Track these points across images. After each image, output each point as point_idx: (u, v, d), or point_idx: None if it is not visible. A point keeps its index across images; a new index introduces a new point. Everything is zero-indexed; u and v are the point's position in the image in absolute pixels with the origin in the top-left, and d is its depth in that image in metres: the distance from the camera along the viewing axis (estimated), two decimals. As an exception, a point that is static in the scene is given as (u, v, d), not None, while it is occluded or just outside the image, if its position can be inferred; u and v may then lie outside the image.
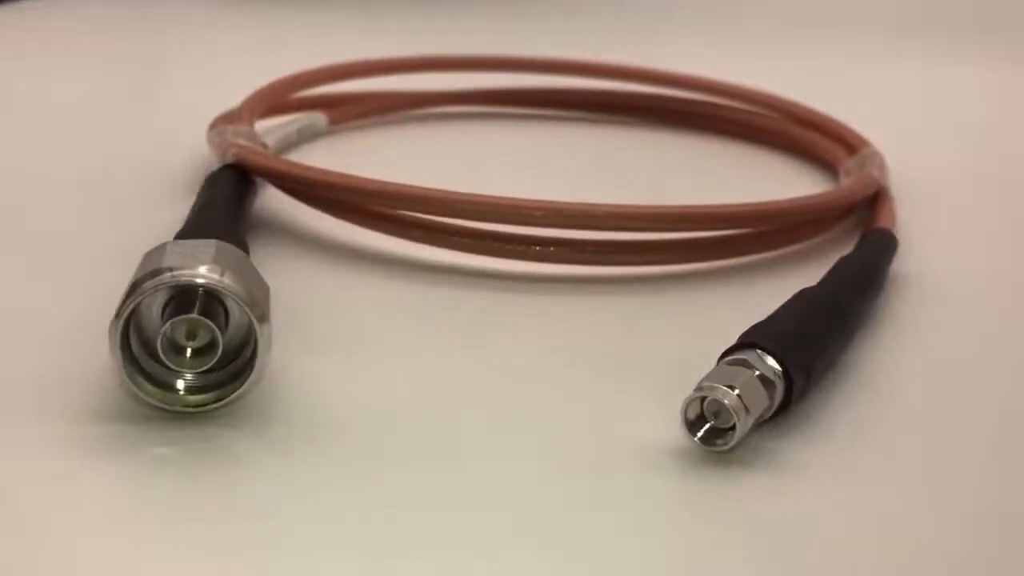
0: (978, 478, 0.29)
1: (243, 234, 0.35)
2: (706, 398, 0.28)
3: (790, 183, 0.47)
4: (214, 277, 0.28)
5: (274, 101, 0.48)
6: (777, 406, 0.29)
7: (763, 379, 0.28)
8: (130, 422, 0.28)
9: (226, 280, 0.28)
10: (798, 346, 0.29)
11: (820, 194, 0.44)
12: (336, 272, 0.38)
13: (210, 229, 0.32)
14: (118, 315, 0.28)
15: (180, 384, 0.28)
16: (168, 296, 0.28)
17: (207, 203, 0.37)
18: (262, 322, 0.28)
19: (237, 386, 0.28)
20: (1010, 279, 0.40)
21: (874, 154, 0.45)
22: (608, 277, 0.38)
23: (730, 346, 0.29)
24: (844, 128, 0.48)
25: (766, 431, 0.29)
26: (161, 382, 0.28)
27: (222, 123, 0.44)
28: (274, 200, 0.40)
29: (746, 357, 0.28)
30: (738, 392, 0.27)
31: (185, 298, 0.28)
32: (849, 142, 0.47)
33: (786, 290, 0.33)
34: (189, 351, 0.28)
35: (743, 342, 0.29)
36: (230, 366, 0.29)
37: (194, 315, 0.28)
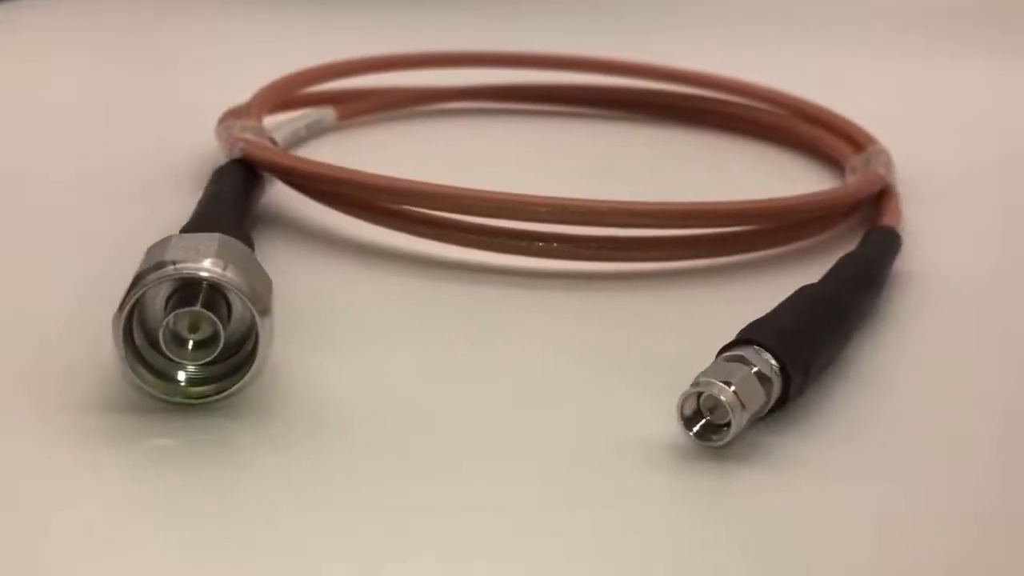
0: (978, 475, 0.29)
1: (248, 228, 0.35)
2: (702, 394, 0.28)
3: (796, 180, 0.47)
4: (216, 270, 0.28)
5: (283, 96, 0.48)
6: (774, 402, 0.29)
7: (760, 375, 0.28)
8: (131, 413, 0.28)
9: (228, 273, 0.28)
10: (797, 343, 0.29)
11: (826, 191, 0.44)
12: (343, 267, 0.38)
13: (215, 223, 0.32)
14: (121, 307, 0.28)
15: (182, 376, 0.29)
16: (171, 289, 0.29)
17: (213, 197, 0.37)
18: (263, 316, 0.28)
19: (238, 379, 0.29)
20: (1013, 276, 0.40)
21: (880, 151, 0.45)
22: (614, 273, 0.38)
23: (729, 342, 0.29)
24: (851, 125, 0.48)
25: (763, 426, 0.29)
26: (163, 373, 0.29)
27: (231, 118, 0.44)
28: (282, 195, 0.41)
29: (744, 353, 0.28)
30: (734, 388, 0.27)
31: (188, 291, 0.28)
32: (856, 139, 0.47)
33: (791, 287, 0.33)
34: (191, 343, 0.29)
35: (742, 338, 0.29)
36: (232, 359, 0.29)
37: (197, 308, 0.28)
